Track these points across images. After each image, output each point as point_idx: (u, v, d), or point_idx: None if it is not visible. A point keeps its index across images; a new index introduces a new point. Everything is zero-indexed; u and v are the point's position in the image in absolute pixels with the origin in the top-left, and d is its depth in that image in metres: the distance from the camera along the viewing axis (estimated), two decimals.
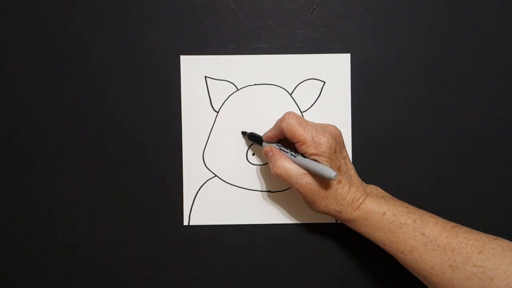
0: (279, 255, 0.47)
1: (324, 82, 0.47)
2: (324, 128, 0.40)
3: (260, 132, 0.45)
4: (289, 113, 0.41)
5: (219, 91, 0.47)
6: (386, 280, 0.47)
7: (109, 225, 0.47)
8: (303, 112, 0.47)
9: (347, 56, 0.47)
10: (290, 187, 0.47)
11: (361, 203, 0.40)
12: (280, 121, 0.41)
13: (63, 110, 0.47)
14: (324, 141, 0.39)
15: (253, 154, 0.47)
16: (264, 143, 0.44)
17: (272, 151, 0.42)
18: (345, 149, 0.42)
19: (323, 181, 0.40)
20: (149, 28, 0.47)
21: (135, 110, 0.47)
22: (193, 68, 0.47)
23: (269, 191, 0.47)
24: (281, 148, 0.42)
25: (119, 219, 0.47)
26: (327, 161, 0.39)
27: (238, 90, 0.47)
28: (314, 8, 0.47)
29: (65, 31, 0.47)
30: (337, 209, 0.40)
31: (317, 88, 0.47)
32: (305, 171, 0.40)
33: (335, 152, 0.40)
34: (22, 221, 0.47)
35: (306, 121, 0.40)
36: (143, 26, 0.47)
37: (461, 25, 0.47)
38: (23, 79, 0.47)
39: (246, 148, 0.47)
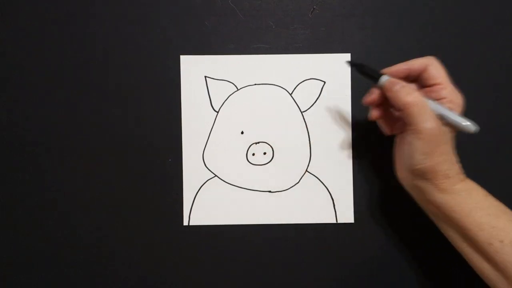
0: (279, 255, 0.47)
1: (324, 82, 0.47)
2: None
3: (260, 132, 0.45)
4: (430, 56, 0.39)
5: (219, 91, 0.47)
6: (386, 280, 0.47)
7: (109, 225, 0.47)
8: (303, 112, 0.47)
9: (347, 56, 0.47)
10: (291, 187, 0.47)
11: (465, 178, 0.37)
12: (422, 58, 0.39)
13: (62, 110, 0.47)
14: (461, 96, 0.37)
15: (253, 154, 0.47)
16: (385, 77, 0.39)
17: (401, 83, 0.38)
18: None
19: (449, 136, 0.37)
20: (149, 28, 0.47)
21: (135, 110, 0.47)
22: (193, 68, 0.47)
23: (269, 191, 0.47)
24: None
25: (119, 219, 0.47)
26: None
27: (238, 90, 0.47)
28: (314, 8, 0.47)
29: (65, 31, 0.47)
30: (447, 172, 0.36)
31: (317, 88, 0.47)
32: (437, 114, 0.36)
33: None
34: (22, 221, 0.47)
35: None
36: (143, 26, 0.47)
37: (461, 25, 0.47)
38: (22, 79, 0.47)
39: (246, 148, 0.47)
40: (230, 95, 0.47)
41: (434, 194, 0.37)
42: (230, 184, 0.47)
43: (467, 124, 0.34)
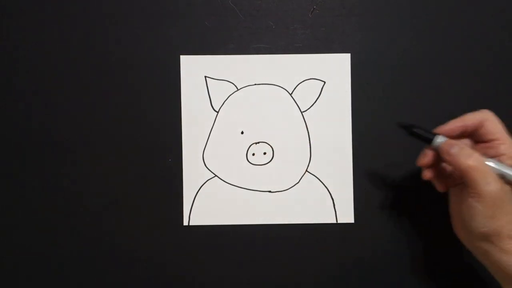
0: (279, 255, 0.47)
1: (324, 82, 0.47)
2: None
3: (261, 132, 0.45)
4: (485, 110, 0.37)
5: (219, 91, 0.47)
6: (386, 280, 0.47)
7: (109, 225, 0.47)
8: (303, 112, 0.47)
9: (347, 56, 0.47)
10: (291, 187, 0.47)
11: None
12: (478, 113, 0.37)
13: (62, 110, 0.47)
14: None
15: (253, 154, 0.47)
16: (439, 137, 0.38)
17: (459, 145, 0.36)
18: None
19: None
20: (149, 28, 0.47)
21: (135, 110, 0.47)
22: (193, 68, 0.47)
23: (269, 191, 0.47)
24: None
25: (119, 219, 0.47)
26: None
27: (238, 90, 0.47)
28: (314, 8, 0.47)
29: (65, 31, 0.47)
30: (511, 233, 0.34)
31: (317, 88, 0.47)
32: (498, 175, 0.34)
33: None
34: (21, 222, 0.47)
35: None
36: (143, 26, 0.47)
37: (462, 25, 0.47)
38: (22, 79, 0.47)
39: (246, 148, 0.47)
40: (230, 95, 0.47)
41: (499, 256, 0.35)
42: (230, 184, 0.47)
43: None
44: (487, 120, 0.37)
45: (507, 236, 0.34)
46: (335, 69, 0.47)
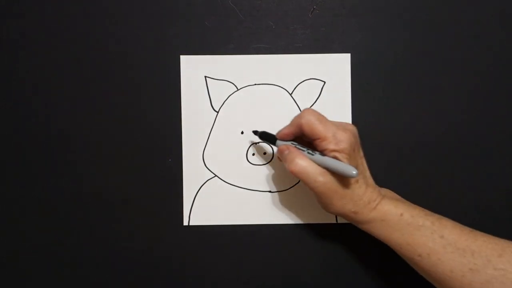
0: (279, 255, 0.47)
1: (324, 82, 0.47)
2: (344, 126, 0.40)
3: (261, 130, 0.45)
4: (307, 109, 0.40)
5: (219, 91, 0.47)
6: (386, 280, 0.47)
7: (109, 225, 0.47)
8: None
9: (347, 56, 0.47)
10: (290, 187, 0.47)
11: (377, 204, 0.39)
12: (299, 117, 0.40)
13: (62, 110, 0.47)
14: (345, 137, 0.38)
15: (253, 154, 0.47)
16: (278, 142, 0.43)
17: (288, 149, 0.40)
18: (361, 149, 0.41)
19: (341, 180, 0.38)
20: (149, 28, 0.47)
21: (135, 110, 0.47)
22: (193, 68, 0.47)
23: (269, 191, 0.47)
24: (297, 146, 0.41)
25: (119, 219, 0.47)
26: (346, 159, 0.38)
27: (238, 90, 0.47)
28: (314, 8, 0.47)
29: (65, 31, 0.47)
30: (353, 210, 0.39)
31: (317, 88, 0.47)
32: (323, 170, 0.38)
33: (354, 150, 0.39)
34: (22, 221, 0.47)
35: (325, 118, 0.40)
36: (143, 26, 0.47)
37: (461, 25, 0.47)
38: (23, 79, 0.47)
39: (246, 148, 0.47)
40: (230, 95, 0.47)
41: (361, 226, 0.41)
42: (230, 184, 0.47)
43: (348, 171, 0.36)
44: (302, 124, 0.39)
45: (350, 213, 0.39)
46: (335, 69, 0.47)
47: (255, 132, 0.45)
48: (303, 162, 0.38)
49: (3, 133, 0.47)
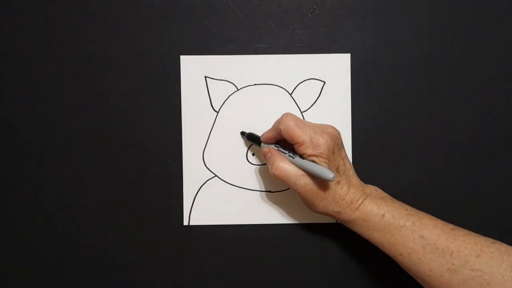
0: (279, 255, 0.47)
1: (324, 82, 0.47)
2: (323, 129, 0.40)
3: (260, 132, 0.45)
4: (286, 114, 0.41)
5: (219, 91, 0.47)
6: (386, 280, 0.47)
7: (109, 225, 0.47)
8: (303, 112, 0.47)
9: (347, 56, 0.47)
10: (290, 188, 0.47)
11: (360, 204, 0.40)
12: (278, 122, 0.41)
13: (62, 111, 0.47)
14: (322, 142, 0.39)
15: (253, 154, 0.47)
16: (262, 144, 0.44)
17: (270, 152, 0.42)
18: (344, 150, 0.42)
19: (322, 182, 0.40)
20: (149, 28, 0.47)
21: (135, 110, 0.47)
22: (193, 68, 0.47)
23: (269, 191, 0.47)
24: (280, 149, 0.42)
25: (119, 219, 0.47)
26: (325, 162, 0.39)
27: (238, 90, 0.47)
28: (314, 8, 0.47)
29: (65, 31, 0.47)
30: (336, 210, 0.40)
31: (317, 88, 0.47)
32: (303, 172, 0.39)
33: (333, 153, 0.40)
34: (22, 222, 0.47)
35: (304, 122, 0.40)
36: (143, 26, 0.47)
37: (461, 25, 0.47)
38: (23, 79, 0.47)
39: (246, 148, 0.47)
40: (230, 95, 0.47)
41: (346, 224, 0.42)
42: (230, 184, 0.47)
43: (325, 175, 0.37)
44: (281, 130, 0.40)
45: (333, 213, 0.40)
46: (335, 69, 0.47)
47: (243, 133, 0.46)
48: (284, 165, 0.40)
49: (3, 133, 0.47)
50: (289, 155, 0.40)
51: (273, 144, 0.43)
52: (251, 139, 0.46)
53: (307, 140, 0.39)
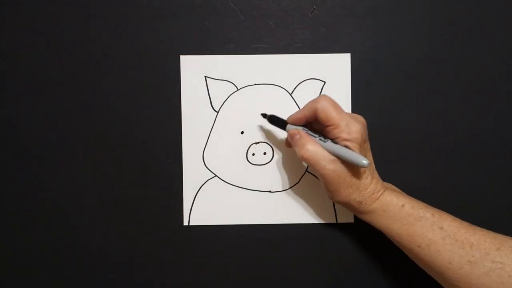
0: (279, 255, 0.47)
1: (324, 82, 0.47)
2: (355, 118, 0.40)
3: (260, 132, 0.45)
4: (324, 95, 0.40)
5: (219, 91, 0.47)
6: (386, 280, 0.47)
7: (109, 225, 0.47)
8: None
9: (347, 56, 0.47)
10: (290, 187, 0.47)
11: (380, 195, 0.40)
12: (315, 102, 0.40)
13: (62, 111, 0.47)
14: (357, 128, 0.39)
15: (253, 154, 0.47)
16: (289, 126, 0.43)
17: (299, 134, 0.41)
18: (369, 143, 0.42)
19: (351, 169, 0.39)
20: (149, 28, 0.47)
21: (135, 110, 0.47)
22: (193, 68, 0.47)
23: (269, 191, 0.47)
24: (309, 132, 0.41)
25: (119, 219, 0.47)
26: (357, 149, 0.38)
27: (238, 90, 0.47)
28: (314, 8, 0.47)
29: (65, 31, 0.47)
30: (357, 199, 0.40)
31: (317, 88, 0.47)
32: (334, 157, 0.39)
33: (364, 141, 0.40)
34: (22, 222, 0.47)
35: (340, 107, 0.40)
36: (143, 26, 0.47)
37: (461, 25, 0.47)
38: (23, 79, 0.47)
39: (246, 148, 0.47)
40: (230, 95, 0.47)
41: (361, 216, 0.41)
42: (230, 184, 0.47)
43: (359, 160, 0.37)
44: (317, 109, 0.39)
45: (354, 203, 0.40)
46: (335, 69, 0.47)
47: (264, 115, 0.45)
48: (314, 148, 0.39)
49: (3, 133, 0.47)
50: (320, 139, 0.39)
51: (300, 127, 0.42)
52: (274, 122, 0.44)
53: (343, 124, 0.39)
